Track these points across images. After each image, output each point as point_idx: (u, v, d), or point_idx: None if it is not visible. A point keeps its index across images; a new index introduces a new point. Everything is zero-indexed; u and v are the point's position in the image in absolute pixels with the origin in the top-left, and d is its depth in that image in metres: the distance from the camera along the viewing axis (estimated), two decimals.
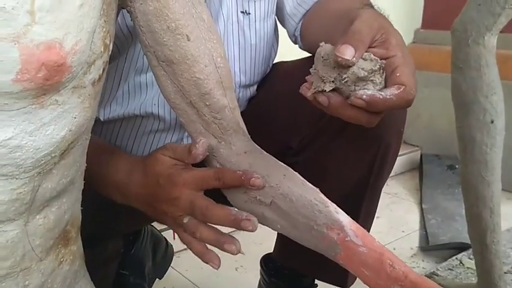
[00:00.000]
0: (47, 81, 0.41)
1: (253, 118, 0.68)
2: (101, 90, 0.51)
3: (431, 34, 1.92)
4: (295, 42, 0.85)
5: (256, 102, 0.84)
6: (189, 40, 0.52)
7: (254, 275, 1.02)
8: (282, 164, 0.57)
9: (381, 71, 0.48)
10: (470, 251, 1.19)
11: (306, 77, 0.51)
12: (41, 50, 0.40)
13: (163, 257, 1.11)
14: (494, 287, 0.94)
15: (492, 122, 0.88)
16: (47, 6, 0.39)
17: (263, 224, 0.59)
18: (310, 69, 0.50)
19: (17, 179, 0.44)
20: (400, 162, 1.90)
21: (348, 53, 0.45)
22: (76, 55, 0.43)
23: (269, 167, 0.57)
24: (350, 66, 0.46)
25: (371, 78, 0.46)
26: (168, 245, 1.13)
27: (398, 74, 0.47)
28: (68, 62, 0.42)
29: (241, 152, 0.58)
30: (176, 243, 1.31)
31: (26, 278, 0.50)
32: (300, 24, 0.82)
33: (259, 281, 1.00)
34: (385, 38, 0.50)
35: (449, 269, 1.18)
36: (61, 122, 0.45)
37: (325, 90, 0.47)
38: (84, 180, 0.54)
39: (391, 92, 0.46)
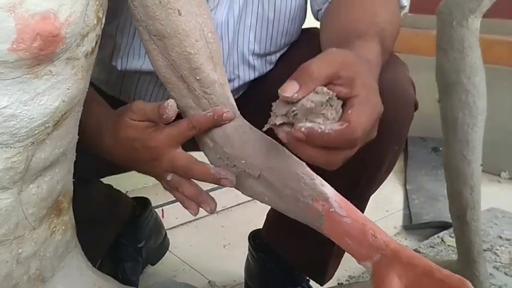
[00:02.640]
0: (41, 51, 0.42)
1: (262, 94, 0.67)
2: (94, 63, 0.52)
3: (419, 18, 1.93)
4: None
5: (272, 77, 0.83)
6: (180, 15, 0.53)
7: (242, 252, 1.04)
8: (270, 138, 0.59)
9: (338, 106, 0.47)
10: (451, 229, 1.22)
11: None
12: (36, 20, 0.41)
13: (160, 244, 1.13)
14: (473, 263, 0.97)
15: (474, 102, 0.90)
16: None
17: (251, 196, 0.60)
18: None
19: (11, 147, 0.45)
20: None
21: (289, 89, 0.44)
22: (70, 26, 0.43)
23: (257, 141, 0.58)
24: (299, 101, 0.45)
25: (322, 112, 0.45)
26: (166, 236, 1.15)
27: (350, 112, 0.45)
28: (62, 33, 0.43)
29: (230, 128, 0.59)
30: (165, 221, 1.34)
31: (19, 246, 0.51)
32: (323, 10, 0.78)
33: (247, 257, 1.03)
34: (351, 77, 0.48)
35: (431, 246, 1.22)
36: (55, 92, 0.46)
37: (276, 124, 0.47)
38: None
39: (331, 127, 0.45)
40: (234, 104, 0.61)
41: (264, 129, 0.50)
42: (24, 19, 0.40)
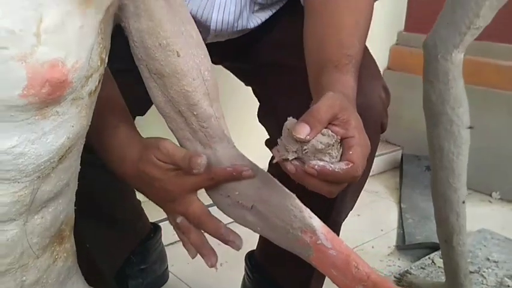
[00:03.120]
0: (49, 96, 0.45)
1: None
2: (96, 99, 0.55)
3: (414, 37, 1.97)
4: None
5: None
6: (179, 56, 0.57)
7: (239, 271, 1.07)
8: (263, 170, 0.62)
9: (338, 146, 0.54)
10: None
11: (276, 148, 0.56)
12: (46, 68, 0.44)
13: (162, 273, 1.16)
14: (460, 286, 1.00)
15: (459, 132, 0.94)
16: (51, 29, 0.44)
17: (244, 225, 0.64)
18: (278, 140, 0.55)
19: (18, 182, 0.48)
20: (381, 161, 1.96)
21: (303, 131, 0.51)
22: (76, 72, 0.47)
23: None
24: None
25: (328, 151, 0.52)
26: (167, 268, 1.19)
27: (351, 153, 0.53)
28: (69, 79, 0.46)
29: (225, 159, 0.62)
30: (164, 238, 1.36)
31: (23, 274, 0.54)
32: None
33: (244, 277, 1.06)
34: (346, 119, 0.54)
35: (422, 267, 1.25)
36: (60, 130, 0.49)
37: (288, 159, 0.53)
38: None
39: (339, 166, 0.52)
40: (229, 136, 0.65)
41: (274, 161, 0.56)
42: (34, 68, 0.43)
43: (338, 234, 0.85)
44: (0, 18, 0.41)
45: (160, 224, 1.33)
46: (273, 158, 0.92)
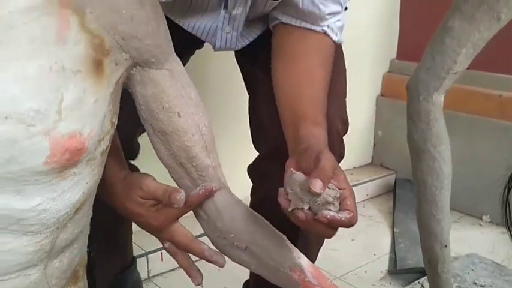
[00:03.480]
0: (68, 161, 0.53)
1: None
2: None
3: (406, 65, 2.04)
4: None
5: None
6: (179, 116, 0.64)
7: None
8: (257, 214, 0.69)
9: (338, 198, 0.63)
10: None
11: (281, 191, 0.63)
12: (66, 139, 0.51)
13: None
14: None
15: (440, 168, 1.01)
16: (70, 106, 0.51)
17: (239, 264, 0.71)
18: (287, 188, 0.62)
19: (41, 233, 0.56)
20: (376, 185, 2.03)
21: (317, 186, 0.58)
22: (91, 139, 0.54)
23: (244, 216, 0.69)
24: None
25: (333, 202, 0.61)
26: None
27: (348, 203, 0.61)
28: (85, 146, 0.54)
29: (221, 205, 0.70)
30: (163, 265, 1.43)
31: None
32: (273, 26, 0.89)
33: None
34: (337, 173, 0.63)
35: None
36: (77, 188, 0.57)
37: (304, 208, 0.60)
38: None
39: (344, 216, 0.60)
40: (226, 182, 0.72)
41: (290, 209, 0.61)
42: (56, 139, 0.51)
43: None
44: (29, 100, 0.49)
45: (161, 251, 1.40)
46: (256, 191, 1.00)
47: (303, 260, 0.65)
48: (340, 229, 1.06)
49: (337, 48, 0.90)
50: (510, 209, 0.39)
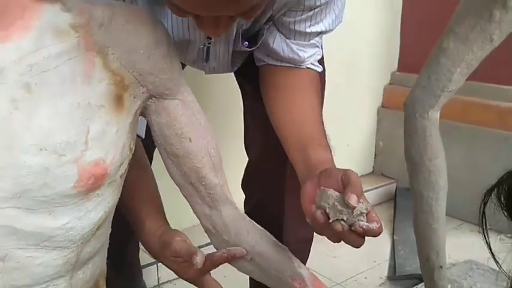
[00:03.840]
0: (93, 185, 0.60)
1: None
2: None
3: (406, 77, 2.10)
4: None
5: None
6: (190, 141, 0.71)
7: None
8: (260, 227, 0.76)
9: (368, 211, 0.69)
10: None
11: (313, 208, 0.68)
12: (91, 166, 0.58)
13: None
14: None
15: (436, 180, 1.07)
16: (95, 137, 0.58)
17: (245, 273, 0.78)
18: (323, 204, 0.67)
19: (68, 248, 0.62)
20: (377, 194, 2.09)
21: (354, 200, 0.64)
22: (113, 165, 0.61)
23: (250, 230, 0.76)
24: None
25: (364, 214, 0.67)
26: None
27: (374, 215, 0.67)
28: (108, 171, 0.60)
29: (228, 219, 0.76)
30: (172, 272, 1.49)
31: None
32: (261, 67, 0.94)
33: None
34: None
35: None
36: (99, 207, 0.63)
37: (344, 219, 0.66)
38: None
39: (374, 226, 0.66)
40: (232, 198, 0.79)
41: (331, 221, 0.67)
42: (83, 166, 0.58)
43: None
44: (60, 133, 0.56)
45: None
46: (250, 201, 1.07)
47: (303, 270, 0.72)
48: None
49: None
50: (486, 222, 0.45)
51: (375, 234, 0.67)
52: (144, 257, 1.38)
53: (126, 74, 0.61)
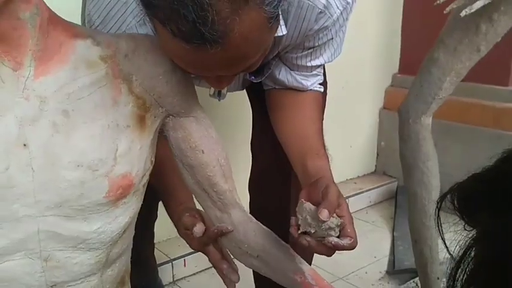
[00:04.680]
0: (121, 195, 0.69)
1: None
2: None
3: (407, 79, 2.16)
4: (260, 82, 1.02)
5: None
6: (203, 153, 0.80)
7: None
8: (265, 228, 0.85)
9: (339, 225, 0.76)
10: None
11: (292, 221, 0.76)
12: (120, 179, 0.68)
13: None
14: None
15: (429, 181, 1.16)
16: (123, 153, 0.68)
17: (252, 269, 0.87)
18: (298, 215, 0.75)
19: (99, 249, 0.72)
20: (379, 192, 2.17)
21: (325, 215, 0.71)
22: (138, 177, 0.71)
23: (256, 230, 0.85)
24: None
25: (335, 229, 0.74)
26: None
27: (349, 230, 0.74)
28: (133, 183, 0.70)
29: (237, 221, 0.86)
30: (186, 270, 1.60)
31: None
32: (268, 90, 1.03)
33: None
34: (340, 203, 0.76)
35: None
36: (126, 213, 0.73)
37: (311, 232, 0.74)
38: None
39: (346, 242, 0.73)
40: (240, 202, 0.88)
41: (299, 232, 0.74)
42: (112, 179, 0.67)
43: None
44: (94, 152, 0.65)
45: (184, 258, 1.57)
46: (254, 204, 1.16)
47: (304, 265, 0.81)
48: None
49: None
50: (441, 224, 0.52)
51: (347, 249, 0.73)
52: (160, 256, 1.49)
53: (147, 97, 0.70)
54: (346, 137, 2.19)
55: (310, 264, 1.13)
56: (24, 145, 0.62)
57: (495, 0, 0.99)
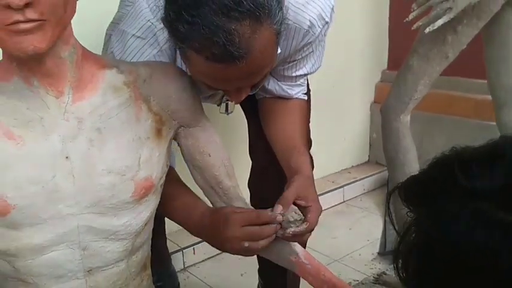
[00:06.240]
0: (144, 194, 0.84)
1: None
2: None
3: (396, 75, 2.32)
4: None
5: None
6: (210, 156, 0.95)
7: (255, 279, 1.45)
8: None
9: (301, 216, 0.90)
10: None
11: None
12: (143, 181, 0.82)
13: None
14: None
15: (409, 172, 1.31)
16: (145, 160, 0.82)
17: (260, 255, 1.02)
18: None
19: (126, 239, 0.86)
20: (372, 180, 2.32)
21: (278, 210, 0.87)
22: (157, 179, 0.85)
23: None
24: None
25: (296, 223, 0.88)
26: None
27: (309, 216, 0.89)
28: (154, 184, 0.85)
29: None
30: (195, 257, 1.75)
31: None
32: (260, 101, 1.17)
33: (257, 284, 1.44)
34: (306, 195, 0.91)
35: None
36: (147, 209, 0.87)
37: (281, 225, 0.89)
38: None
39: (302, 227, 0.88)
40: (243, 196, 1.02)
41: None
42: (137, 182, 0.82)
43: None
44: (122, 160, 0.80)
45: (193, 246, 1.72)
46: (254, 198, 1.31)
47: (298, 247, 0.96)
48: (339, 220, 1.39)
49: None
50: (391, 214, 0.65)
51: (305, 233, 0.87)
52: (171, 245, 1.64)
53: (163, 113, 0.85)
54: (341, 130, 2.33)
55: (304, 247, 1.29)
56: (67, 157, 0.76)
57: (458, 15, 1.13)
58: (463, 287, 0.45)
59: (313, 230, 0.91)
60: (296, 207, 0.91)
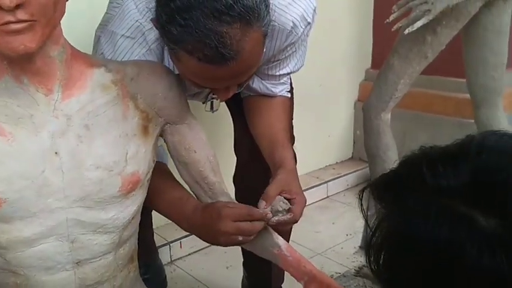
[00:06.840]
0: (131, 189, 0.86)
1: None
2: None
3: None
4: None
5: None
6: (195, 153, 0.98)
7: (240, 271, 1.48)
8: None
9: (288, 206, 0.95)
10: None
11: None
12: (130, 176, 0.85)
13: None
14: None
15: (389, 168, 1.35)
16: (132, 156, 0.85)
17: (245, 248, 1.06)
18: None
19: (113, 232, 0.89)
20: (355, 176, 2.37)
21: (262, 206, 0.91)
22: (144, 174, 0.88)
23: None
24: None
25: (283, 212, 0.93)
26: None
27: (294, 207, 0.93)
28: (141, 179, 0.88)
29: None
30: (182, 251, 1.78)
31: (113, 280, 0.95)
32: (244, 99, 1.21)
33: (242, 277, 1.48)
34: (290, 189, 0.96)
35: None
36: (134, 203, 0.90)
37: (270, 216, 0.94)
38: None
39: (287, 217, 0.93)
40: (227, 191, 1.06)
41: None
42: (124, 177, 0.85)
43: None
44: (109, 156, 0.82)
45: (180, 240, 1.75)
46: (238, 193, 1.36)
47: (280, 240, 1.00)
48: (322, 215, 1.43)
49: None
50: (365, 210, 0.67)
51: (288, 222, 0.93)
52: (158, 239, 1.67)
53: (149, 110, 0.88)
54: (325, 128, 2.38)
55: (288, 240, 1.33)
56: (56, 153, 0.79)
57: (437, 16, 1.17)
58: (433, 281, 0.46)
59: (297, 221, 0.94)
60: (283, 198, 0.95)
